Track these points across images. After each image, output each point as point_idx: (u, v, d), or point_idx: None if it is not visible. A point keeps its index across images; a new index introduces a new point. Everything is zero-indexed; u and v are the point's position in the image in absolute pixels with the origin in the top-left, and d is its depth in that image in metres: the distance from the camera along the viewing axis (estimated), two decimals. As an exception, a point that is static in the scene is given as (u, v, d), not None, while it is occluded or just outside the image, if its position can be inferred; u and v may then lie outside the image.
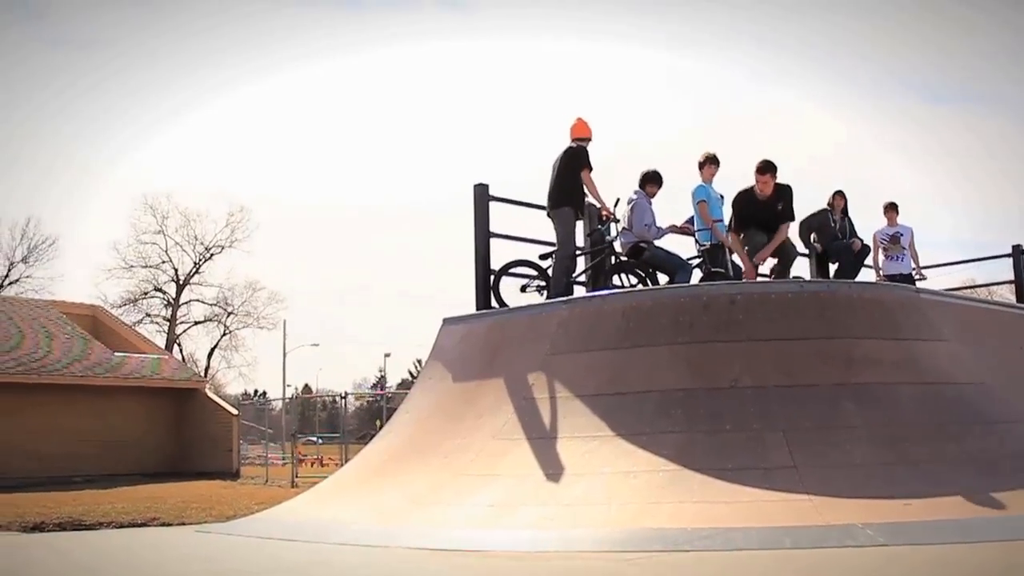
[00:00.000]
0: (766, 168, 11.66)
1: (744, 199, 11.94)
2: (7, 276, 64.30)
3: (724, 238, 12.77)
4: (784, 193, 11.84)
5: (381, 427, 24.06)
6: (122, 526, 11.75)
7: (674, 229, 12.90)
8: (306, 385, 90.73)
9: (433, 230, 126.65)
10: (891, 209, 15.41)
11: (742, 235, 12.02)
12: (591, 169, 12.13)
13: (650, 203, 12.70)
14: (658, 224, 12.63)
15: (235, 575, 7.24)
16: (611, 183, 12.62)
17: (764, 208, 11.78)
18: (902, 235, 15.24)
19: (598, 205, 12.31)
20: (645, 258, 12.31)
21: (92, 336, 31.45)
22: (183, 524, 11.69)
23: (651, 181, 12.76)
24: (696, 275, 12.57)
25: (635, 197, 12.63)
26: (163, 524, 11.79)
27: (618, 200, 12.46)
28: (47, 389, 27.37)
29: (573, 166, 12.08)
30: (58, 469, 26.17)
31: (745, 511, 7.92)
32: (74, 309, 34.41)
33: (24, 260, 64.94)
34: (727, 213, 12.58)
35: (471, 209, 12.55)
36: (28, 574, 7.79)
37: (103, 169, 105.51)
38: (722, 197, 13.61)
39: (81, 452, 27.44)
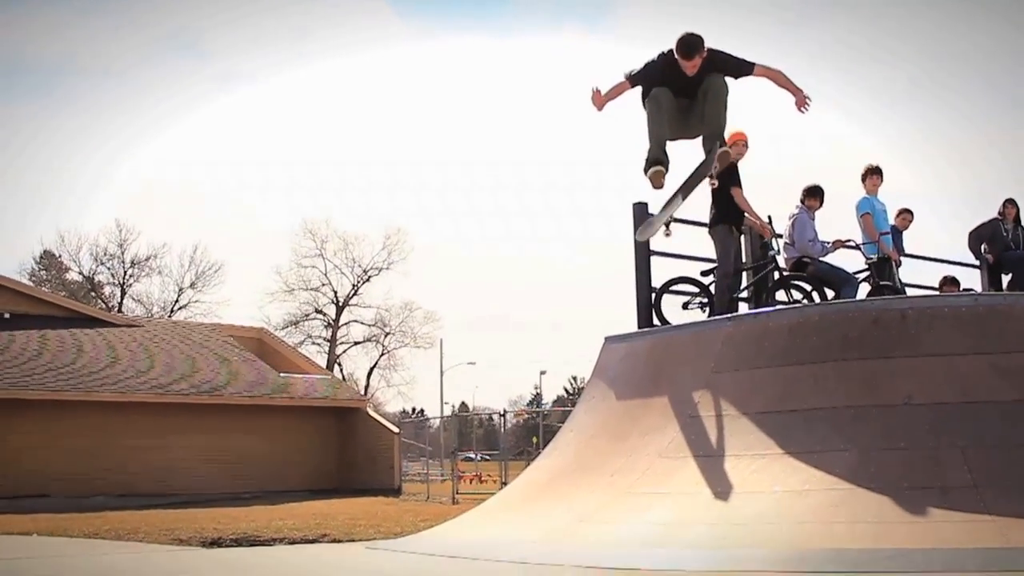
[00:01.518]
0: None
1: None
2: (177, 301, 67.12)
3: (891, 251, 12.46)
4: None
5: (538, 444, 24.18)
6: (294, 542, 12.08)
7: (839, 244, 12.65)
8: (463, 403, 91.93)
9: (587, 251, 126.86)
10: None
11: None
12: (740, 186, 12.02)
13: (812, 218, 12.49)
14: (821, 240, 12.41)
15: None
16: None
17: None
18: None
19: (755, 227, 12.19)
20: (809, 272, 12.10)
21: (259, 358, 32.49)
22: (352, 541, 11.95)
23: (812, 195, 12.56)
24: (863, 290, 12.29)
25: (796, 212, 12.45)
26: (334, 540, 12.08)
27: (769, 218, 12.30)
28: (218, 410, 28.42)
29: (723, 183, 11.98)
30: (228, 486, 27.15)
31: (924, 532, 7.67)
32: (241, 332, 35.66)
33: (192, 286, 67.72)
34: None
35: (630, 228, 12.54)
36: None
37: (266, 196, 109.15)
38: (886, 209, 13.32)
39: (251, 470, 28.41)
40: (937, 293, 14.83)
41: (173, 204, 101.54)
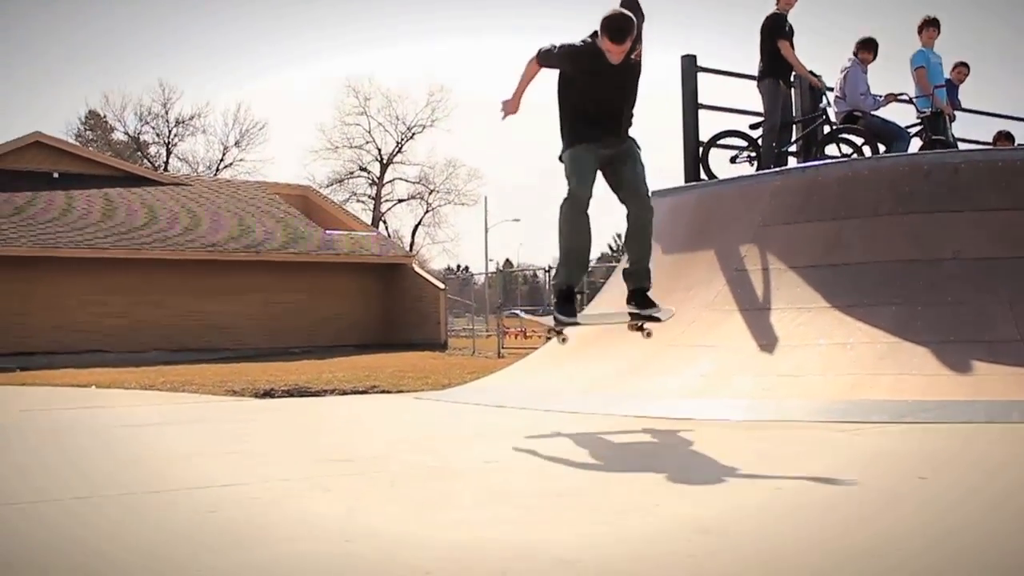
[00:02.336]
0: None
1: None
2: (222, 160, 67.38)
3: (944, 105, 12.20)
4: None
5: (583, 300, 24.26)
6: (344, 393, 12.33)
7: (891, 98, 12.37)
8: (507, 260, 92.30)
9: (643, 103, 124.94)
10: None
11: None
12: (788, 39, 11.77)
13: (865, 71, 12.19)
14: (873, 93, 12.15)
15: (452, 437, 7.52)
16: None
17: None
18: None
19: (804, 76, 11.96)
20: (861, 127, 11.88)
21: (304, 215, 32.67)
22: (401, 392, 12.17)
23: (865, 48, 12.23)
24: (915, 145, 12.08)
25: (849, 65, 12.16)
26: (383, 391, 12.31)
27: (820, 77, 12.06)
28: (265, 267, 28.74)
29: (770, 36, 11.73)
30: (278, 341, 27.66)
31: (968, 384, 7.69)
32: (286, 190, 35.81)
33: (236, 144, 67.86)
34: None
35: (678, 81, 12.36)
36: (292, 423, 8.31)
37: (308, 52, 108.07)
38: (940, 62, 12.99)
39: (299, 325, 28.87)
40: (991, 148, 14.56)
41: (215, 62, 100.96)
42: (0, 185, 26.93)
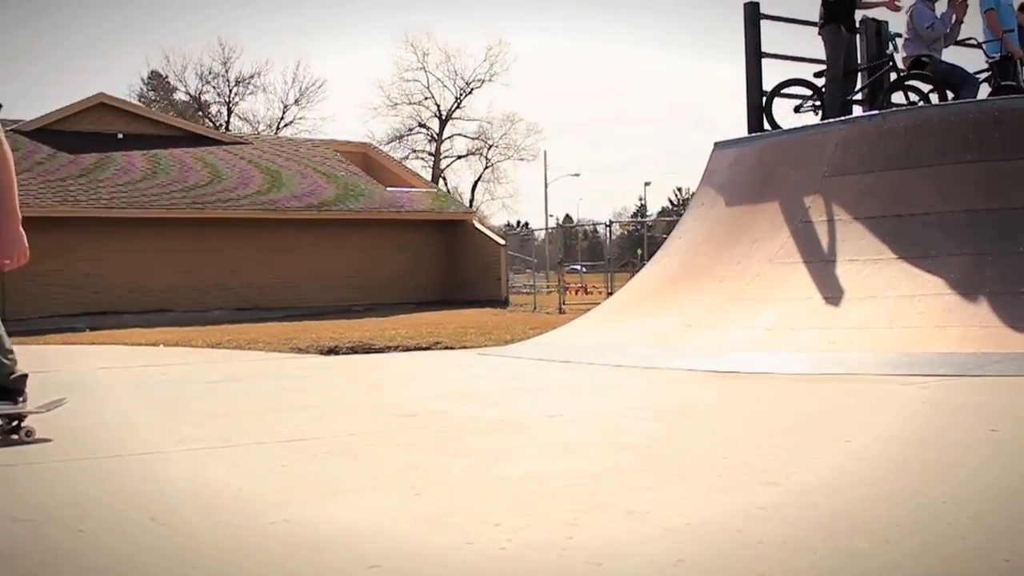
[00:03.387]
0: None
1: None
2: (282, 118, 67.71)
3: (1016, 49, 11.88)
4: None
5: (643, 256, 24.21)
6: (408, 349, 12.42)
7: (956, 6, 11.88)
8: (567, 215, 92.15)
9: (698, 54, 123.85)
10: None
11: None
12: None
13: (931, 7, 11.80)
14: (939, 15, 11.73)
15: (516, 391, 7.55)
16: None
17: None
18: None
19: (870, 5, 11.72)
20: (928, 72, 11.62)
21: (365, 172, 32.79)
22: (464, 348, 12.24)
23: None
24: (984, 91, 11.80)
25: (914, 3, 11.82)
26: (446, 347, 12.39)
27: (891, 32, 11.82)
28: (327, 224, 28.90)
29: None
30: (340, 299, 27.87)
31: (1039, 336, 7.57)
32: (346, 147, 35.88)
33: (296, 102, 68.13)
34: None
35: (741, 30, 12.18)
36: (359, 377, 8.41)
37: (365, 9, 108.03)
38: (1012, 4, 12.62)
39: (361, 283, 29.05)
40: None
41: (273, 19, 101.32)
42: (66, 146, 27.28)
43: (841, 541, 3.04)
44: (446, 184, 67.13)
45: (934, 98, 11.54)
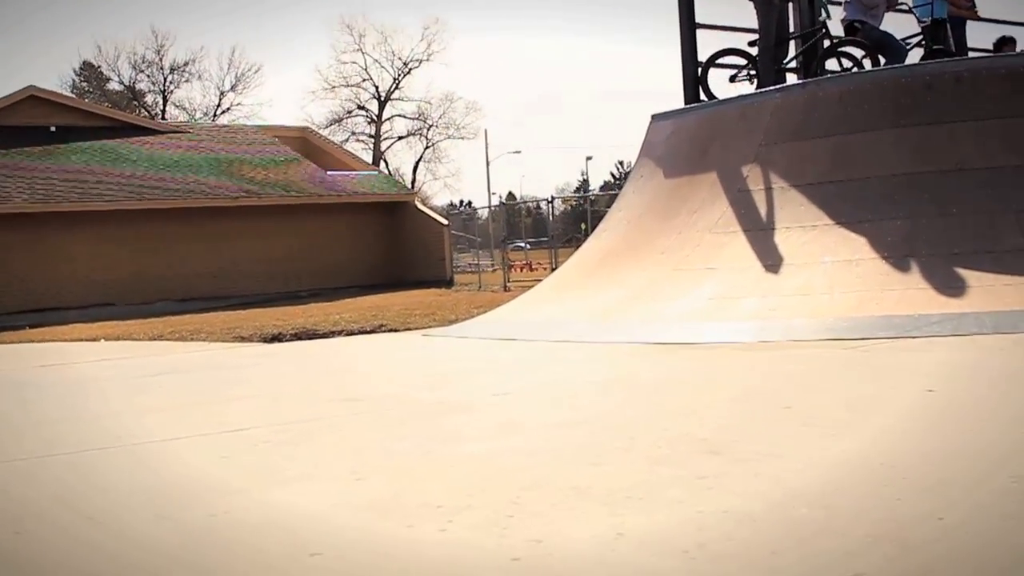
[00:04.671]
0: None
1: None
2: (219, 105, 66.90)
3: (960, 4, 12.02)
4: None
5: (586, 230, 24.24)
6: (352, 333, 12.33)
7: None
8: (510, 193, 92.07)
9: (634, 26, 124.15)
10: None
11: None
12: None
13: None
14: None
15: (462, 372, 7.53)
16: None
17: None
18: None
19: None
20: (860, 38, 11.68)
21: (305, 157, 32.51)
22: (409, 329, 12.18)
23: None
24: (917, 55, 11.90)
25: None
26: (391, 330, 12.32)
27: None
28: (268, 211, 28.61)
29: None
30: (284, 286, 27.63)
31: (976, 296, 7.66)
32: (285, 132, 35.52)
33: (233, 88, 67.33)
34: None
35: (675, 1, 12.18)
36: (301, 367, 8.33)
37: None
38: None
39: (304, 268, 28.81)
40: (993, 55, 14.37)
41: (206, 5, 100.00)
42: (-3, 142, 26.80)
43: (782, 509, 3.06)
44: (387, 166, 66.80)
45: (867, 64, 11.60)
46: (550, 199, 28.11)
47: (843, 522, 2.87)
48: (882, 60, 11.38)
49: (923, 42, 11.81)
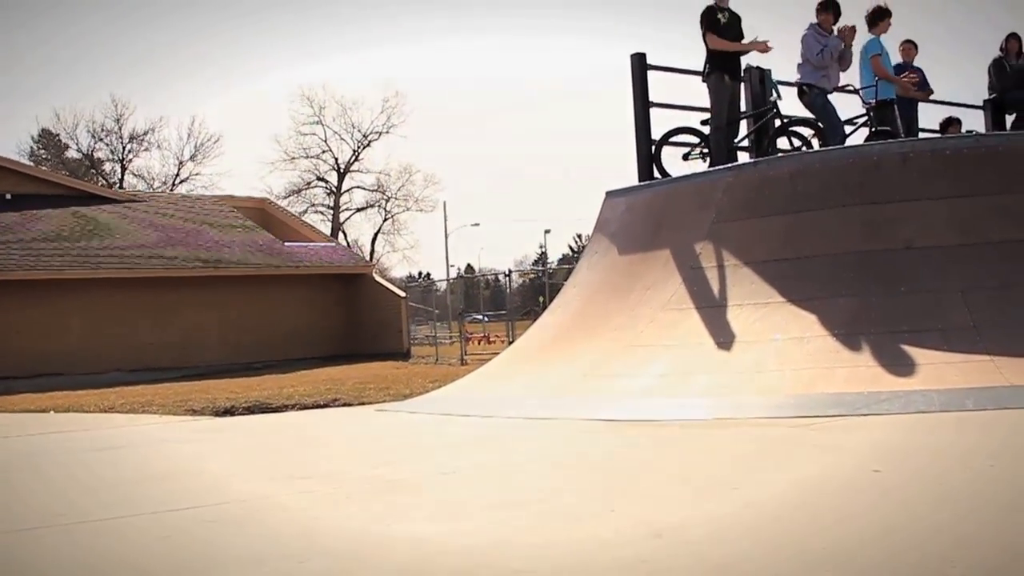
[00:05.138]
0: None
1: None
2: (177, 175, 66.81)
3: (911, 89, 12.30)
4: None
5: (544, 303, 24.31)
6: (306, 407, 12.24)
7: (846, 33, 12.09)
8: (468, 265, 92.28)
9: (592, 105, 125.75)
10: None
11: None
12: (717, 30, 11.61)
13: (822, 34, 11.92)
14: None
15: (413, 448, 7.49)
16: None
17: None
18: None
19: (749, 51, 11.89)
20: (805, 103, 11.85)
21: (263, 228, 32.49)
22: (363, 404, 12.10)
23: (824, 9, 11.85)
24: (862, 136, 12.12)
25: (806, 31, 12.00)
26: (344, 404, 12.23)
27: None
28: (225, 282, 28.49)
29: (702, 31, 11.69)
30: (239, 357, 27.43)
31: (923, 374, 7.75)
32: (244, 203, 35.54)
33: (192, 158, 67.31)
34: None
35: (630, 81, 12.37)
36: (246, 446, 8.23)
37: (260, 62, 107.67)
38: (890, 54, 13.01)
39: (261, 339, 28.64)
40: (939, 135, 14.67)
41: (167, 76, 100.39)
42: (-49, 209, 26.60)
43: (722, 594, 3.06)
44: (346, 237, 66.82)
45: (815, 144, 11.80)
46: (507, 272, 28.26)
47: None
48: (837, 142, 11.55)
49: (868, 123, 12.04)
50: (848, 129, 12.05)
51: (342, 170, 68.49)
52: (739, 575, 3.25)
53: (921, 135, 14.05)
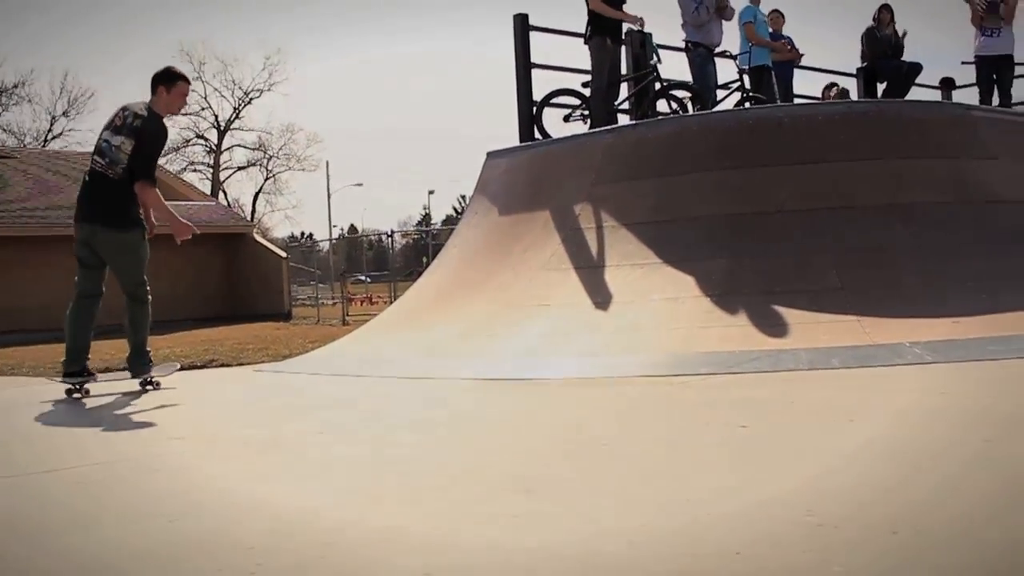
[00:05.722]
0: None
1: None
2: (50, 130, 64.72)
3: (787, 49, 12.57)
4: None
5: (428, 264, 24.31)
6: (183, 368, 12.01)
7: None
8: (352, 226, 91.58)
9: (479, 67, 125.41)
10: None
11: None
12: None
13: None
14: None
15: (288, 408, 7.43)
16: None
17: None
18: (1003, 1, 13.30)
19: (624, 21, 11.94)
20: (689, 59, 12.01)
21: (139, 185, 31.68)
22: (240, 365, 11.94)
23: None
24: (735, 100, 12.36)
25: None
26: (222, 365, 12.06)
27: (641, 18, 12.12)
28: (101, 240, 27.72)
29: None
30: (116, 317, 26.76)
31: (793, 334, 7.95)
32: (119, 159, 34.59)
33: (65, 114, 65.26)
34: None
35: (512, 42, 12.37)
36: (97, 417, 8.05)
37: (136, 17, 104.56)
38: (765, 20, 13.28)
39: (138, 299, 27.98)
40: (817, 101, 15.04)
41: (38, 27, 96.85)
42: None
43: (590, 544, 3.11)
44: (226, 197, 65.65)
45: (691, 108, 12.00)
46: (390, 232, 28.12)
47: (651, 559, 2.94)
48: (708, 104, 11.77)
49: (741, 88, 12.28)
50: (722, 94, 12.28)
51: (222, 128, 67.15)
52: (607, 528, 3.31)
53: (799, 100, 14.40)
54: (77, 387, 8.49)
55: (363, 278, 34.73)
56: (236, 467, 4.90)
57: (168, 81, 8.18)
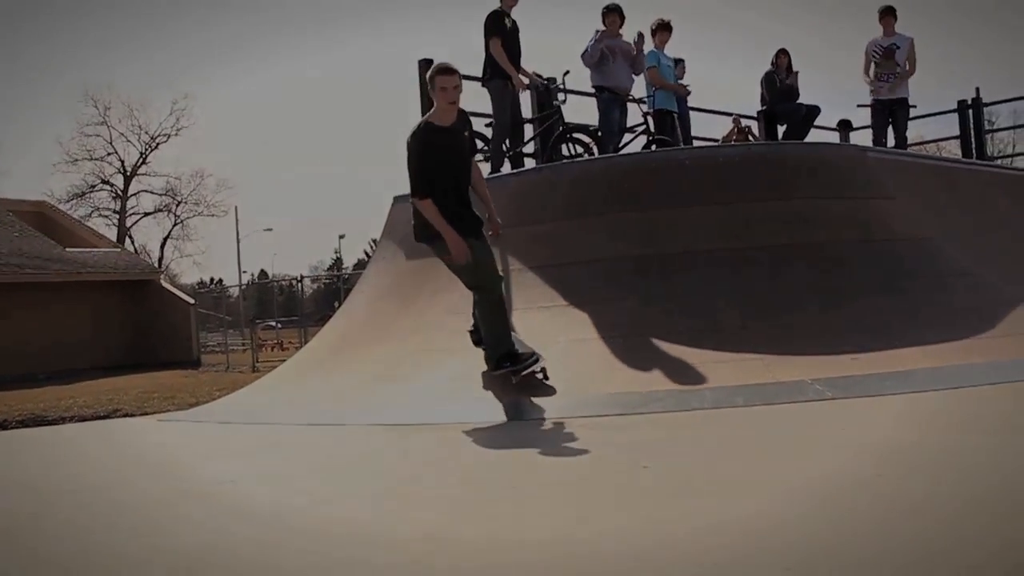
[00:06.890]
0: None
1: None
2: (-55, 175, 63.10)
3: (679, 87, 12.78)
4: None
5: (339, 308, 24.13)
6: (85, 419, 11.77)
7: (638, 43, 12.37)
8: (262, 271, 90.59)
9: (388, 108, 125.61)
10: (887, 15, 13.53)
11: None
12: (501, 38, 11.46)
13: (602, 38, 12.11)
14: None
15: (192, 458, 7.32)
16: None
17: None
18: (898, 48, 13.55)
19: (511, 78, 11.78)
20: (597, 103, 12.15)
21: (41, 232, 31.05)
22: (145, 414, 11.73)
23: (608, 12, 12.15)
24: (640, 143, 12.52)
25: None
26: (126, 415, 11.83)
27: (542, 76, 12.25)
28: (2, 289, 27.10)
29: (486, 35, 11.55)
30: (17, 368, 26.09)
31: (698, 372, 8.06)
32: (20, 206, 33.81)
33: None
34: None
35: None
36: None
37: (39, 62, 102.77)
38: (674, 64, 13.51)
39: (42, 349, 27.33)
40: (717, 144, 15.31)
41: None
42: None
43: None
44: (133, 243, 64.44)
45: (597, 151, 12.13)
46: (299, 277, 27.91)
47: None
48: (610, 148, 11.90)
49: (647, 131, 12.46)
50: (628, 137, 12.44)
51: (129, 173, 66.07)
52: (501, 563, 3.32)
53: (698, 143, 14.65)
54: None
55: (273, 324, 34.35)
56: (131, 522, 4.80)
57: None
